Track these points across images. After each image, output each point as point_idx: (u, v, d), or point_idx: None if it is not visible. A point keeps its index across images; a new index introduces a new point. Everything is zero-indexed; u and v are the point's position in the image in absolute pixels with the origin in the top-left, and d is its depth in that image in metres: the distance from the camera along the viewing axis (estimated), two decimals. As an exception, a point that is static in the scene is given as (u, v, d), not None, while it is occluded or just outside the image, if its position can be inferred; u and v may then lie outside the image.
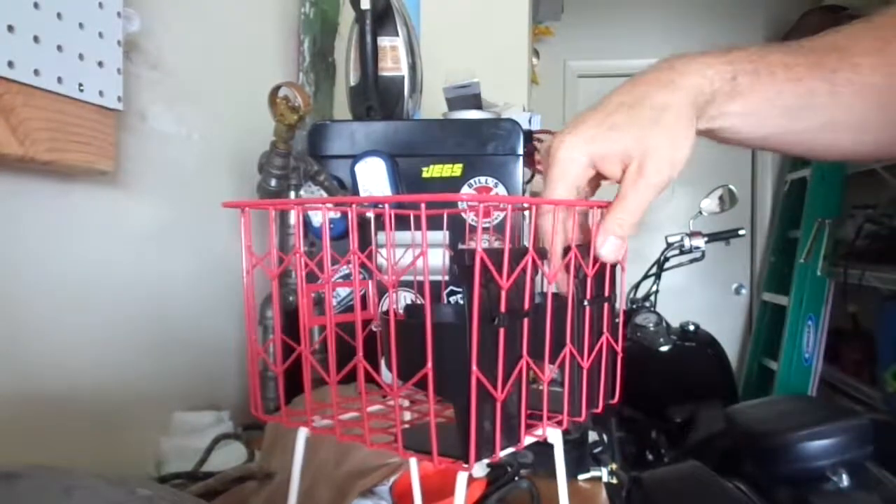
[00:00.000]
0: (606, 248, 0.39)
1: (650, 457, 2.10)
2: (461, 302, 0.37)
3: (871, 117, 0.45)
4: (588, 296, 0.37)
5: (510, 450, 0.33)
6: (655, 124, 0.40)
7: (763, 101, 0.44)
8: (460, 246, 0.32)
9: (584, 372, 0.37)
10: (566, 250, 0.38)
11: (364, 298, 0.42)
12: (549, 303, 0.34)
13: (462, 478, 0.30)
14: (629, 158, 0.41)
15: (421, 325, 0.29)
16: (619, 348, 0.40)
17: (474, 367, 0.29)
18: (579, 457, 0.81)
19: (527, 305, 0.32)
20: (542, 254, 0.33)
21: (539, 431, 0.35)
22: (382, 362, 0.34)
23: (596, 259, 0.39)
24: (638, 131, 0.40)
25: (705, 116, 0.44)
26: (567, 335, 0.35)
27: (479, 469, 0.31)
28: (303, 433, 0.38)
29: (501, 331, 0.30)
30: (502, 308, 0.30)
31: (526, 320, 0.32)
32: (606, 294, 0.39)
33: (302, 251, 0.37)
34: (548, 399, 0.35)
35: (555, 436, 0.36)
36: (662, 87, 0.42)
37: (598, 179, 0.47)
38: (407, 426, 0.38)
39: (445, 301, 0.90)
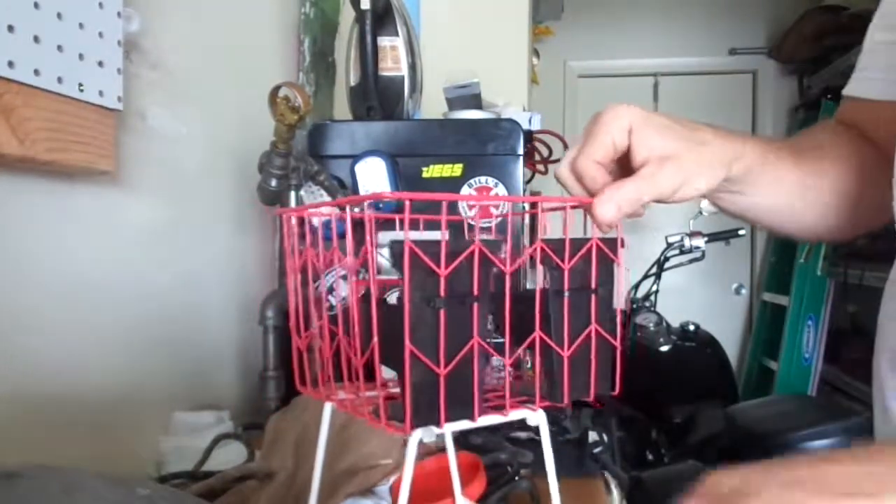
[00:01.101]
0: (605, 213, 0.43)
1: (650, 457, 2.10)
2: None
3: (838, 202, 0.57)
4: (566, 287, 0.39)
5: (464, 423, 0.36)
6: (696, 146, 0.46)
7: (780, 178, 0.53)
8: (390, 238, 0.37)
9: (565, 360, 0.39)
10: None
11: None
12: (507, 289, 0.37)
13: (413, 442, 0.34)
14: (657, 151, 0.44)
15: (378, 309, 0.35)
16: (614, 341, 0.41)
17: (408, 343, 0.33)
18: (579, 457, 0.81)
19: (476, 291, 0.36)
20: (495, 247, 0.36)
21: (516, 413, 0.38)
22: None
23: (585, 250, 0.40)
24: (682, 142, 0.45)
25: (738, 181, 0.50)
26: (536, 323, 0.38)
27: (428, 435, 0.35)
28: (328, 407, 0.42)
29: (442, 312, 0.34)
30: (441, 293, 0.34)
31: (476, 305, 0.36)
32: (594, 286, 0.40)
33: (348, 251, 0.40)
34: (508, 381, 0.38)
35: (538, 417, 0.39)
36: (710, 133, 0.48)
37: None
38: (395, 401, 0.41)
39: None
